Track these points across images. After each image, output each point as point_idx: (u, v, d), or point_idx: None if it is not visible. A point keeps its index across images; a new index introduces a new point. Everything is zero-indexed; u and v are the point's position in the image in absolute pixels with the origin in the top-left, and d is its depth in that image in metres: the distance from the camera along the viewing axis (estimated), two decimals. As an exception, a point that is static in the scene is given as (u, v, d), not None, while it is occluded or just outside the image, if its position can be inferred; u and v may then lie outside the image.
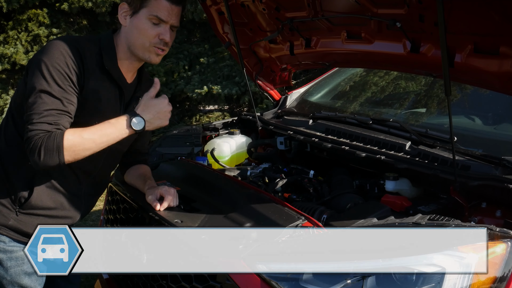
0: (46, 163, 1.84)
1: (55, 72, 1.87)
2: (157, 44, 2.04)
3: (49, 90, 1.85)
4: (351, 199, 2.37)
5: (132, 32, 2.03)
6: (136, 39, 2.03)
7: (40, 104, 1.84)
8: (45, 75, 1.86)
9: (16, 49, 7.23)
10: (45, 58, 1.87)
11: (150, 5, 1.99)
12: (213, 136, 3.41)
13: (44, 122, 1.83)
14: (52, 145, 1.82)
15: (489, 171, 2.19)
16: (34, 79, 1.87)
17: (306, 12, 2.59)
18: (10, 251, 2.04)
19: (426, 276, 1.69)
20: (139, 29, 2.01)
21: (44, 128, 1.83)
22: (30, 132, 1.83)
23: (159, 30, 2.02)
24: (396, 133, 2.65)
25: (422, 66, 2.41)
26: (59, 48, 1.90)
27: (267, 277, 1.76)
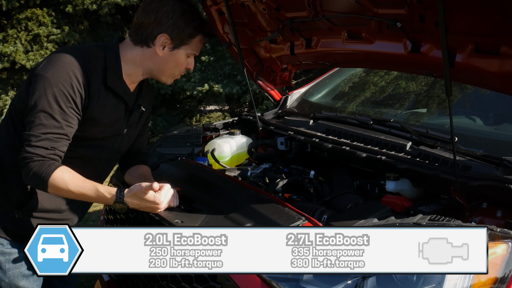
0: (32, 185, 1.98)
1: (59, 94, 1.87)
2: (182, 73, 2.17)
3: (50, 112, 1.87)
4: (351, 200, 2.37)
5: (168, 63, 2.08)
6: (170, 69, 2.11)
7: (39, 125, 1.87)
8: (48, 95, 1.87)
9: (16, 48, 7.22)
10: (52, 77, 1.87)
11: (194, 44, 2.09)
12: (214, 136, 3.41)
13: (41, 146, 1.87)
14: (40, 175, 1.87)
15: (490, 171, 2.19)
16: (37, 97, 1.87)
17: (307, 12, 2.59)
18: (8, 253, 2.05)
19: (427, 276, 1.69)
20: (177, 63, 2.10)
21: (40, 153, 1.87)
22: (26, 154, 1.87)
23: (189, 62, 2.14)
24: (397, 133, 2.64)
25: (423, 66, 2.40)
26: (67, 68, 1.90)
27: (268, 278, 1.76)
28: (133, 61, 2.07)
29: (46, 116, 1.87)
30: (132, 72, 2.08)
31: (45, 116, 1.86)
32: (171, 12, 2.00)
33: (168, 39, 2.03)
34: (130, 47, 2.08)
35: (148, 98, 2.27)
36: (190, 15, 2.05)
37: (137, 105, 2.19)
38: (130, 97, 2.13)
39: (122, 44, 2.09)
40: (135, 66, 2.08)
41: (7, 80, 7.60)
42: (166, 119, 8.00)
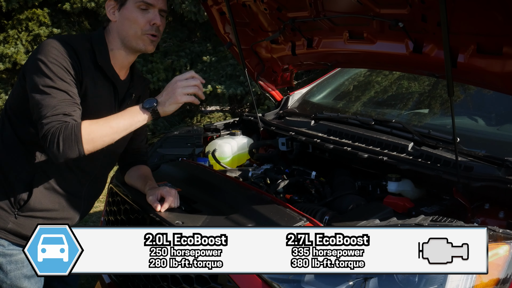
0: (66, 155, 1.83)
1: (55, 68, 1.86)
2: (149, 30, 2.04)
3: (54, 85, 1.85)
4: (353, 200, 2.37)
5: (123, 24, 2.03)
6: (128, 29, 2.03)
7: (49, 99, 1.83)
8: (46, 72, 1.85)
9: (17, 48, 7.22)
10: (42, 57, 1.86)
11: None
12: (215, 137, 3.41)
13: (58, 113, 1.82)
14: (70, 135, 1.80)
15: (492, 172, 2.19)
16: (36, 78, 1.85)
17: (308, 12, 2.59)
18: (9, 255, 2.04)
19: (429, 277, 1.68)
20: (130, 19, 2.02)
21: (60, 119, 1.82)
22: (45, 126, 1.81)
23: (149, 16, 2.03)
24: (399, 134, 2.64)
25: (425, 66, 2.40)
26: (54, 46, 1.89)
27: (269, 279, 1.75)
28: (111, 41, 2.07)
29: (52, 89, 1.84)
30: (114, 53, 2.07)
31: (52, 90, 1.84)
32: None
33: (113, 2, 2.03)
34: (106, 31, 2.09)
35: (140, 88, 2.25)
36: None
37: (129, 94, 2.17)
38: (120, 84, 2.12)
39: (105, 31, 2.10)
40: (114, 46, 2.07)
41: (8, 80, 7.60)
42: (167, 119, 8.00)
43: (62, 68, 1.87)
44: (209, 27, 8.02)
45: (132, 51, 2.09)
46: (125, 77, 2.16)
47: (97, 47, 2.03)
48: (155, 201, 2.16)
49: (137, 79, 2.23)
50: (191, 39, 8.75)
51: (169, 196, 2.17)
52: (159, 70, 7.82)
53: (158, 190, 2.20)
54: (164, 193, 2.18)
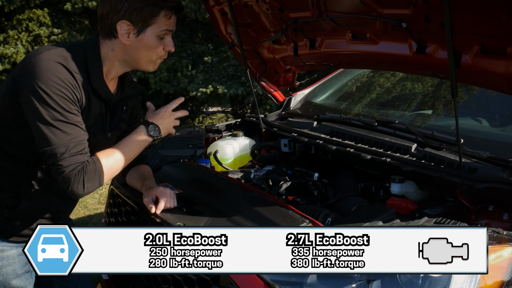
0: (89, 191, 1.90)
1: (60, 100, 1.81)
2: (162, 56, 2.03)
3: (63, 119, 1.82)
4: (356, 202, 2.36)
5: (139, 50, 1.97)
6: (144, 55, 1.99)
7: (59, 136, 1.81)
8: (52, 104, 1.80)
9: (17, 49, 7.22)
10: (43, 86, 1.79)
11: (159, 22, 1.94)
12: (216, 138, 3.40)
13: (76, 154, 1.84)
14: (93, 174, 1.87)
15: (496, 173, 2.18)
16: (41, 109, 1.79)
17: (311, 12, 2.58)
18: (0, 250, 2.03)
19: (432, 279, 1.68)
20: (148, 46, 1.96)
21: (79, 160, 1.85)
22: (66, 169, 1.82)
23: (165, 43, 1.99)
24: (402, 135, 2.63)
25: (428, 67, 2.39)
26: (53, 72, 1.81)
27: (271, 281, 1.75)
28: (108, 56, 1.98)
29: (61, 124, 1.81)
30: (109, 68, 2.00)
31: (61, 124, 1.81)
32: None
33: (129, 25, 1.91)
34: (102, 43, 1.99)
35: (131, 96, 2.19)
36: None
37: (119, 105, 2.12)
38: (111, 99, 2.06)
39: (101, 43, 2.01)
40: (111, 62, 1.99)
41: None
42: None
43: (67, 99, 1.83)
44: (210, 28, 8.03)
45: (133, 68, 2.07)
46: (115, 88, 2.10)
47: (92, 68, 1.95)
48: (150, 202, 2.14)
49: (127, 88, 2.16)
50: (193, 39, 8.76)
51: (163, 197, 2.15)
52: (162, 71, 7.82)
53: (153, 191, 2.18)
54: (158, 193, 2.16)
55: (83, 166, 1.84)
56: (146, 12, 1.90)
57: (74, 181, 1.83)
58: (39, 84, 1.79)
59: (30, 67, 1.82)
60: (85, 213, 5.04)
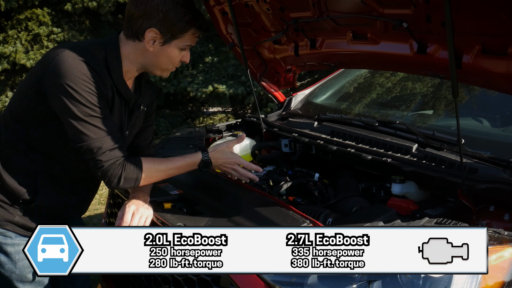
0: (123, 187, 2.00)
1: (90, 96, 1.86)
2: (177, 65, 2.11)
3: (94, 114, 1.87)
4: (357, 203, 2.36)
5: (160, 57, 2.03)
6: (163, 63, 2.06)
7: (95, 131, 1.88)
8: (81, 100, 1.85)
9: (16, 48, 7.21)
10: (72, 83, 1.84)
11: (186, 37, 2.02)
12: (217, 138, 3.39)
13: (113, 148, 1.91)
14: (132, 174, 1.97)
15: (497, 174, 2.18)
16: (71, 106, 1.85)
17: (311, 12, 2.57)
18: (17, 244, 2.05)
19: (433, 280, 1.67)
20: (169, 57, 2.04)
21: (118, 155, 1.92)
22: (105, 163, 1.91)
23: (183, 54, 2.07)
24: (403, 135, 2.63)
25: (429, 67, 2.38)
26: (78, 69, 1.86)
27: (272, 282, 1.74)
28: (128, 56, 2.02)
29: (94, 120, 1.87)
30: (128, 68, 2.04)
31: (93, 120, 1.87)
32: (161, 4, 1.93)
33: (157, 34, 1.96)
34: (124, 42, 2.02)
35: (148, 96, 2.23)
36: (182, 9, 1.96)
37: (137, 105, 2.15)
38: (130, 97, 2.10)
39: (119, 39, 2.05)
40: (130, 62, 2.03)
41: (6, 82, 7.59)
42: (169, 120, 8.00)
43: (96, 95, 1.88)
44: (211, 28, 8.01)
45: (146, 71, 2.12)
46: (132, 87, 2.14)
47: (112, 66, 1.99)
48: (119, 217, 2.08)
49: (144, 88, 2.20)
50: (193, 39, 8.74)
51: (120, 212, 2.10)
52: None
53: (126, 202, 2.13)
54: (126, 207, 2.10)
55: (123, 162, 1.93)
56: (177, 26, 1.97)
57: (112, 174, 1.93)
58: (67, 82, 1.84)
59: (55, 66, 1.87)
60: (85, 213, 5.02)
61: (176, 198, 2.31)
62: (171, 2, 1.94)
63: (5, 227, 2.04)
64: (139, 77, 2.16)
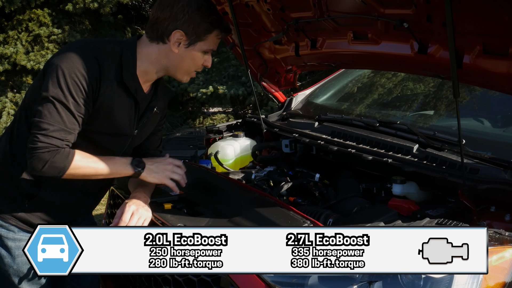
0: (44, 174, 1.93)
1: (71, 83, 1.87)
2: (199, 69, 2.13)
3: (64, 101, 1.87)
4: (357, 203, 2.36)
5: (183, 60, 2.05)
6: (186, 66, 2.08)
7: (53, 114, 1.86)
8: (62, 84, 1.86)
9: (16, 49, 7.20)
10: (64, 66, 1.87)
11: (210, 39, 2.05)
12: (217, 138, 3.40)
13: (55, 137, 1.87)
14: (59, 162, 1.89)
15: (498, 174, 2.18)
16: (50, 85, 1.87)
17: (312, 12, 2.57)
18: (19, 240, 2.06)
19: (434, 281, 1.67)
20: (193, 59, 2.06)
21: (55, 143, 1.87)
22: (40, 143, 1.86)
23: (205, 58, 2.10)
24: (404, 135, 2.63)
25: (430, 67, 2.38)
26: (79, 57, 1.89)
27: (272, 283, 1.74)
28: (149, 58, 2.04)
29: (60, 106, 1.86)
30: (147, 69, 2.06)
31: (60, 106, 1.86)
32: (187, 6, 1.97)
33: (183, 35, 2.00)
34: (146, 43, 2.05)
35: (162, 100, 2.23)
36: (207, 10, 2.01)
37: (150, 107, 2.16)
38: (143, 97, 2.10)
39: (139, 41, 2.07)
40: (150, 64, 2.05)
41: (6, 82, 7.58)
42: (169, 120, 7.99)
43: (79, 86, 1.88)
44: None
45: (168, 75, 2.13)
46: (149, 89, 2.14)
47: (126, 63, 2.00)
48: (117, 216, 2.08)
49: (160, 92, 2.20)
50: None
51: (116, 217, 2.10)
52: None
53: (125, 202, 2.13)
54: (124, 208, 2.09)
55: (56, 151, 1.88)
56: (202, 27, 2.01)
57: (39, 157, 1.87)
58: (61, 65, 1.87)
59: (63, 50, 1.94)
60: (85, 214, 5.01)
61: (177, 198, 2.31)
62: (196, 4, 1.98)
63: (8, 221, 2.05)
64: (156, 81, 2.17)
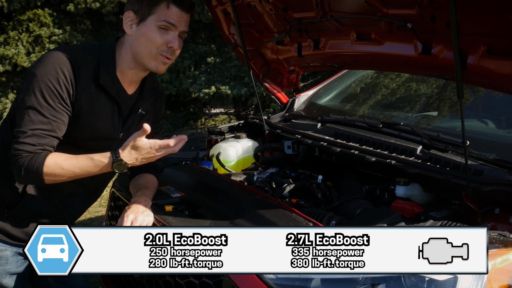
0: (27, 181, 1.96)
1: (45, 89, 1.85)
2: (164, 52, 1.98)
3: (37, 107, 1.85)
4: (360, 205, 2.35)
5: (139, 40, 1.96)
6: (143, 47, 1.97)
7: (26, 121, 1.86)
8: (35, 91, 1.85)
9: (17, 50, 7.22)
10: (38, 73, 1.85)
11: (159, 11, 1.94)
12: (219, 140, 3.39)
13: (27, 142, 1.85)
14: (32, 168, 1.86)
15: (502, 176, 2.17)
16: (25, 94, 1.86)
17: (315, 12, 2.56)
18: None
19: (438, 283, 1.66)
20: (147, 37, 1.95)
21: (27, 149, 1.86)
22: (14, 151, 1.87)
23: (168, 38, 1.97)
24: (407, 137, 2.63)
25: (434, 68, 2.38)
26: (54, 64, 1.87)
27: (274, 285, 1.73)
28: (122, 55, 2.01)
29: (33, 112, 1.85)
30: (124, 68, 2.01)
31: (33, 112, 1.85)
32: None
33: (133, 15, 1.95)
34: (120, 42, 2.02)
35: (149, 102, 2.18)
36: None
37: (135, 109, 2.11)
38: (126, 99, 2.06)
39: (118, 42, 2.04)
40: (124, 62, 2.01)
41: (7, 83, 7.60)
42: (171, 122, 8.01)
43: (53, 91, 1.86)
44: (213, 28, 8.03)
45: (143, 68, 2.03)
46: (134, 91, 2.10)
47: (104, 63, 1.97)
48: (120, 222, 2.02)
49: (147, 93, 2.16)
50: (195, 40, 8.76)
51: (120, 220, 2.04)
52: (164, 71, 7.82)
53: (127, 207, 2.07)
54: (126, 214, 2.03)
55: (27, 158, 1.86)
56: (147, 1, 1.94)
57: (16, 165, 1.87)
58: (35, 72, 1.86)
59: (40, 57, 1.92)
60: (86, 215, 5.04)
61: (178, 200, 2.30)
62: None
63: None
64: (143, 82, 2.13)
